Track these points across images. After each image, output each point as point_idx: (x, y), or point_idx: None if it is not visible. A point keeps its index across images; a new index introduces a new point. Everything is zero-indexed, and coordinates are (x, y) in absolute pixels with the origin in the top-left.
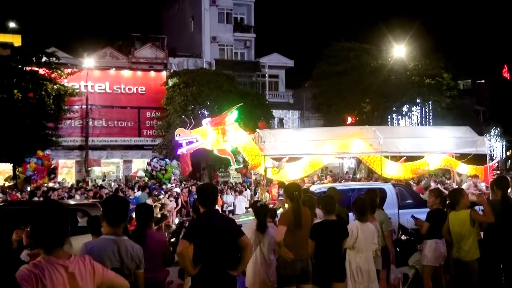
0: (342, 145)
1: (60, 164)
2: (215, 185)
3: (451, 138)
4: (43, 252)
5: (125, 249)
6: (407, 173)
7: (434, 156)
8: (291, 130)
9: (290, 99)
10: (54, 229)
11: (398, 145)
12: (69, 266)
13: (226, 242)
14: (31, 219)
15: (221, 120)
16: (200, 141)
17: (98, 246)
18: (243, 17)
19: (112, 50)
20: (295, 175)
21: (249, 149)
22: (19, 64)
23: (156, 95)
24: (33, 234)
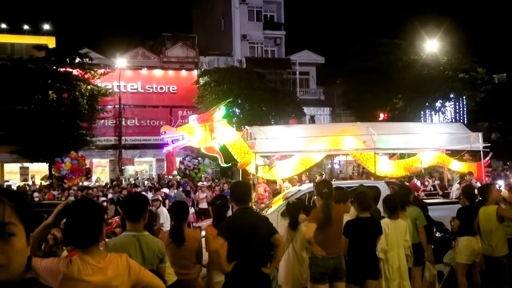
0: (334, 142)
1: (94, 163)
2: (249, 183)
3: (443, 135)
4: (78, 250)
5: (146, 244)
6: (400, 170)
7: (427, 153)
8: (281, 126)
9: (321, 96)
10: (88, 227)
11: (391, 142)
12: (103, 265)
13: (259, 239)
14: (66, 217)
15: (209, 116)
16: (187, 138)
17: (119, 242)
18: (273, 15)
19: (143, 50)
20: (286, 174)
21: (238, 147)
22: (53, 66)
23: (187, 94)
24: (68, 232)
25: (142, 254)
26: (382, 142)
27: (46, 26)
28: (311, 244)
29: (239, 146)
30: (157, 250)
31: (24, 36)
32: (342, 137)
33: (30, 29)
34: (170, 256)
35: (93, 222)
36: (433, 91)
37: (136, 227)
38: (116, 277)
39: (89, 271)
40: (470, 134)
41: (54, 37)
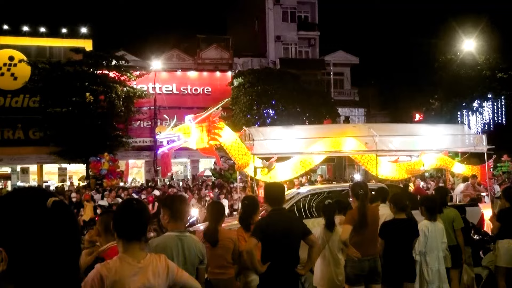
0: (334, 143)
1: (130, 164)
2: (283, 184)
3: (446, 136)
4: (121, 248)
5: (188, 245)
6: (402, 173)
7: (429, 155)
8: (280, 127)
9: (355, 96)
10: (135, 223)
11: (393, 143)
12: (143, 265)
13: (293, 240)
14: (115, 214)
15: (206, 116)
16: (183, 139)
17: (163, 243)
18: (307, 15)
19: (178, 52)
20: (285, 176)
21: (236, 148)
22: (90, 68)
23: (221, 95)
24: (116, 227)
25: (184, 255)
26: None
27: (83, 29)
28: (346, 246)
29: (237, 147)
30: (198, 251)
31: (62, 40)
32: (343, 138)
33: (68, 32)
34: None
35: (142, 219)
36: (470, 91)
37: (179, 227)
38: (155, 277)
39: (129, 271)
40: (474, 136)
41: (91, 40)
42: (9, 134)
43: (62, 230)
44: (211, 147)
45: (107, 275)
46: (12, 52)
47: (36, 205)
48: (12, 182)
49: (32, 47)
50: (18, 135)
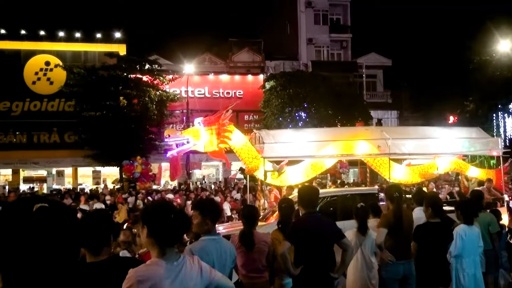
0: (346, 146)
1: (163, 167)
2: (317, 188)
3: (461, 139)
4: (157, 251)
5: (224, 248)
6: (415, 177)
7: (444, 158)
8: (291, 130)
9: (388, 99)
10: (171, 227)
11: (406, 147)
12: (178, 267)
13: (326, 244)
14: (149, 218)
15: (216, 119)
16: (192, 142)
17: (201, 246)
18: (339, 18)
19: (210, 56)
20: (296, 180)
21: (246, 151)
22: (124, 72)
23: (253, 98)
24: (152, 232)
25: (221, 257)
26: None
27: (117, 34)
28: (381, 250)
29: (247, 150)
30: (232, 253)
31: (96, 44)
32: (355, 141)
33: (102, 37)
34: (240, 259)
35: (179, 223)
36: (506, 93)
37: (213, 230)
38: (190, 279)
39: (165, 274)
40: (489, 139)
41: (125, 45)
42: (45, 137)
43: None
44: (220, 150)
45: (143, 280)
46: (48, 57)
47: (20, 215)
48: (48, 185)
49: (68, 52)
50: (54, 139)
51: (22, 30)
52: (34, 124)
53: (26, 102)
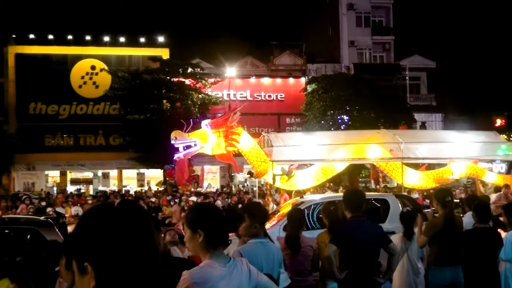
0: (357, 150)
1: (206, 170)
2: (363, 191)
3: (476, 144)
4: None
5: (271, 251)
6: (430, 182)
7: (459, 163)
8: (300, 133)
9: (432, 101)
10: (223, 228)
11: (420, 151)
12: (228, 269)
13: (372, 248)
14: (202, 220)
15: (223, 121)
16: (199, 145)
17: (249, 249)
18: (381, 20)
19: (252, 59)
20: (306, 184)
21: (254, 155)
22: (167, 76)
23: (295, 101)
24: (206, 234)
25: (268, 260)
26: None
27: (160, 38)
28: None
29: (255, 153)
30: (279, 256)
31: (140, 49)
32: (367, 145)
33: (146, 41)
34: (286, 262)
35: (226, 224)
36: None
37: (260, 233)
38: (240, 281)
39: (217, 276)
40: (505, 143)
41: (168, 49)
42: (91, 140)
43: (134, 229)
44: (228, 153)
45: (199, 281)
46: (93, 61)
47: (106, 210)
48: (94, 186)
49: (112, 56)
50: (100, 141)
51: (69, 35)
52: (81, 127)
53: (73, 106)
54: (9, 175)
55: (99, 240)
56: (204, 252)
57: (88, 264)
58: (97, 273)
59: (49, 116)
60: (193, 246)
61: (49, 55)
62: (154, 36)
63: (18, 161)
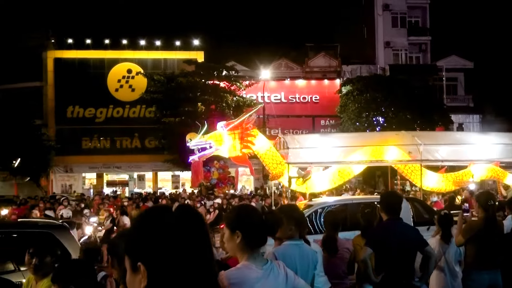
0: (375, 152)
1: (240, 172)
2: (400, 194)
3: (497, 145)
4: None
5: (306, 253)
6: (449, 184)
7: (479, 165)
8: (317, 135)
9: (470, 102)
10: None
11: (439, 153)
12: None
13: (408, 251)
14: (241, 222)
15: (239, 124)
16: (215, 147)
17: (284, 251)
18: (417, 20)
19: (286, 61)
20: (322, 187)
21: (270, 157)
22: (202, 79)
23: (330, 103)
24: (245, 235)
25: (302, 263)
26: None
27: (195, 41)
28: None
29: (271, 156)
30: (314, 258)
31: (176, 52)
32: (385, 147)
33: (181, 45)
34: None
35: (264, 226)
36: None
37: (295, 235)
38: (277, 283)
39: (254, 278)
40: None
41: (203, 52)
42: (127, 143)
43: (191, 232)
44: (244, 155)
45: (236, 283)
46: (130, 65)
47: (163, 213)
48: (129, 188)
49: (148, 60)
50: (135, 144)
51: (106, 39)
52: (117, 130)
53: (110, 109)
54: (48, 177)
55: (154, 242)
56: (241, 253)
57: (141, 264)
58: (150, 274)
59: (86, 119)
60: (231, 247)
61: (87, 59)
62: (189, 39)
63: (56, 164)
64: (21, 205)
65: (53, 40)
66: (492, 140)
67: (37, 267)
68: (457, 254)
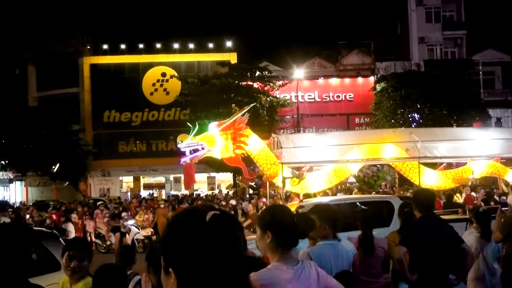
0: (372, 150)
1: None
2: (433, 191)
3: (498, 141)
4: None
5: (341, 253)
6: (449, 182)
7: (479, 162)
8: (312, 134)
9: (508, 96)
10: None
11: (437, 149)
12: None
13: (444, 249)
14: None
15: (231, 123)
16: (207, 148)
17: (318, 251)
18: (452, 14)
19: (319, 60)
20: (318, 187)
21: (264, 157)
22: (235, 80)
23: (364, 101)
24: (277, 236)
25: (337, 263)
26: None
27: (228, 43)
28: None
29: (265, 156)
30: (346, 257)
31: (209, 54)
32: (382, 145)
33: (214, 47)
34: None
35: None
36: None
37: (329, 236)
38: (307, 284)
39: (286, 278)
40: None
41: (236, 53)
42: (163, 146)
43: (223, 244)
44: (237, 156)
45: (267, 284)
46: (164, 69)
47: (196, 222)
48: (166, 190)
49: (182, 63)
50: (171, 147)
51: (140, 44)
52: (153, 133)
53: (145, 112)
54: (86, 181)
55: (184, 252)
56: (272, 253)
57: (173, 271)
58: (180, 283)
59: (122, 123)
60: (262, 246)
61: (122, 64)
62: (222, 41)
63: (94, 168)
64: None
65: (88, 47)
66: (491, 135)
67: (74, 270)
68: (495, 251)
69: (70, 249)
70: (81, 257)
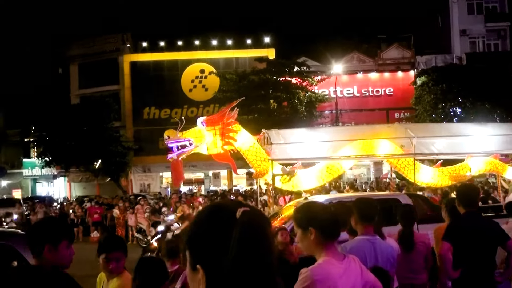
0: (366, 146)
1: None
2: (477, 186)
3: (496, 137)
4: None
5: (380, 249)
6: (445, 179)
7: (477, 158)
8: (303, 129)
9: None
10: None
11: (434, 146)
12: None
13: (488, 245)
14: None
15: (219, 118)
16: (194, 144)
17: (356, 246)
18: (495, 5)
19: (358, 54)
20: (309, 184)
21: (254, 153)
22: (273, 76)
23: (404, 95)
24: (322, 231)
25: (376, 258)
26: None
27: (266, 39)
28: None
29: (255, 152)
30: (390, 255)
31: (247, 50)
32: (376, 141)
33: (252, 43)
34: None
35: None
36: None
37: (368, 231)
38: (355, 277)
39: (337, 273)
40: None
41: (274, 49)
42: None
43: (253, 240)
44: (226, 152)
45: (321, 279)
46: (203, 65)
47: (226, 218)
48: (205, 186)
49: (220, 59)
50: None
51: (179, 41)
52: None
53: (184, 109)
54: (127, 177)
55: (213, 249)
56: (318, 249)
57: (201, 268)
58: (208, 280)
59: (162, 119)
60: (306, 245)
61: (161, 62)
62: (260, 37)
63: (134, 164)
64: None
65: (128, 45)
66: (489, 131)
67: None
68: None
69: (106, 251)
70: (118, 258)
